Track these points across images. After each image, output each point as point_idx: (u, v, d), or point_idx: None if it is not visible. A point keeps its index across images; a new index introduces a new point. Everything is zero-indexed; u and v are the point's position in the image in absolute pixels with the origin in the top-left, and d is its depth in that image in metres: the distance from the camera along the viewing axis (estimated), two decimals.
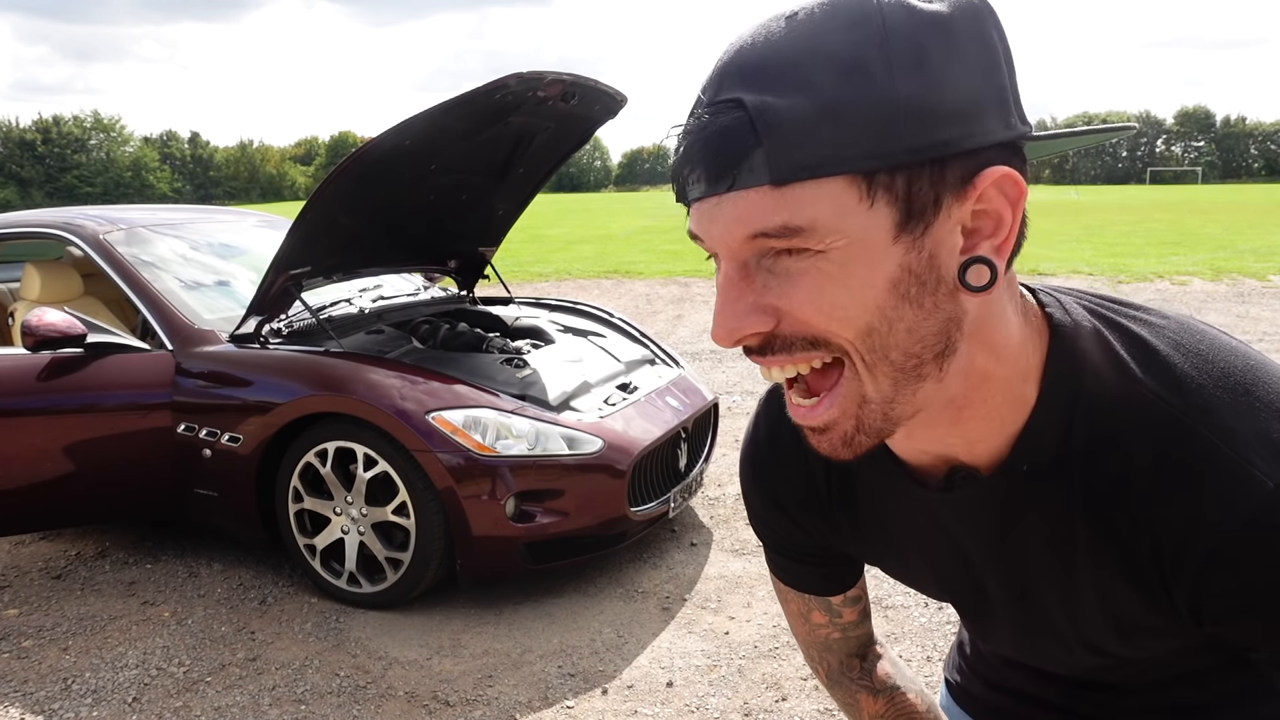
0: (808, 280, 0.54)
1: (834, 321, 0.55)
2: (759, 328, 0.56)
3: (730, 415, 5.14)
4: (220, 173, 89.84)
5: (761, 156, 0.51)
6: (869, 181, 0.52)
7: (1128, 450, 0.60)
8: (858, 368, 0.57)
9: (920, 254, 0.54)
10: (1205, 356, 0.61)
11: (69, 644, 2.80)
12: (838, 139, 0.51)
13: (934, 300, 0.55)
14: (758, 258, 0.55)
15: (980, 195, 0.54)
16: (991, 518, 0.68)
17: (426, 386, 2.86)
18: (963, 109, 0.52)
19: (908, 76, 0.51)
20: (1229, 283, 10.20)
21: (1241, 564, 0.56)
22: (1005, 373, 0.61)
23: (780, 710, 2.38)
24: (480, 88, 2.76)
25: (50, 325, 2.95)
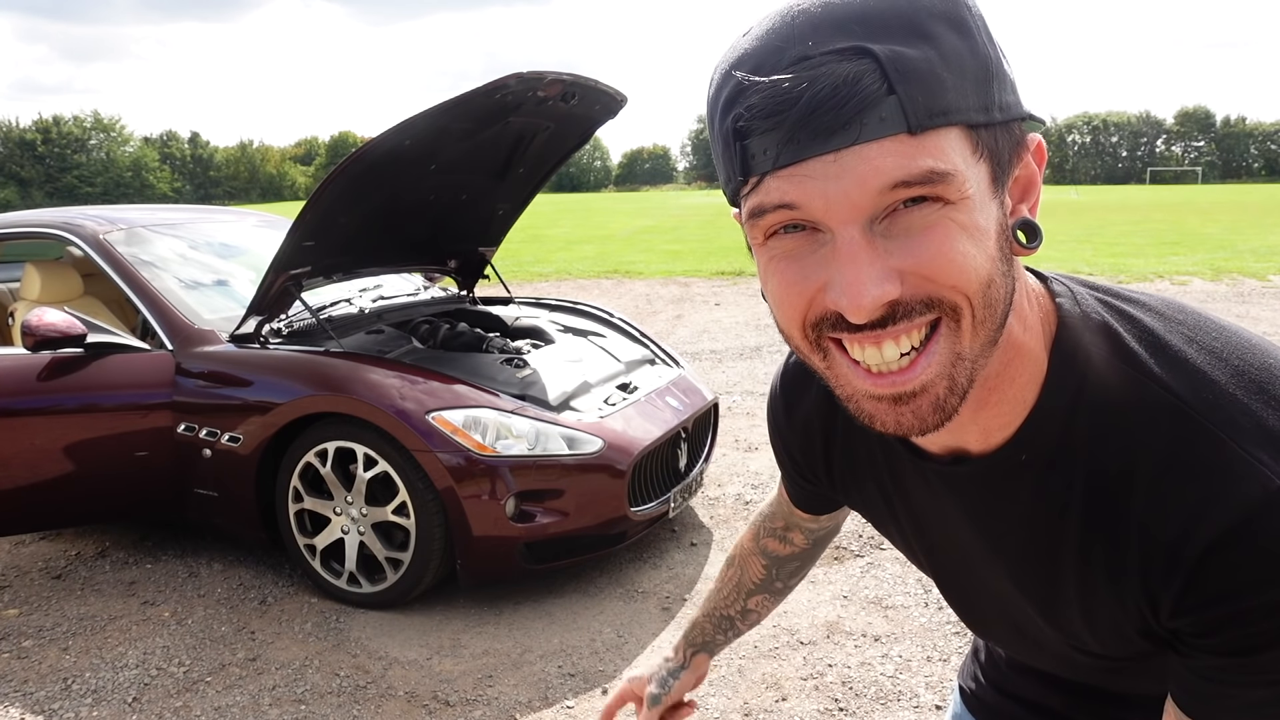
0: (939, 233, 0.52)
1: (965, 274, 0.53)
2: (893, 294, 0.53)
3: (730, 415, 5.14)
4: (220, 173, 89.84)
5: (895, 104, 0.49)
6: (976, 134, 0.53)
7: (1133, 444, 0.59)
8: (963, 324, 0.55)
9: (1004, 210, 0.56)
10: (1218, 352, 0.60)
11: (69, 644, 2.80)
12: (960, 89, 0.51)
13: (1012, 258, 0.57)
14: (872, 221, 0.52)
15: (1026, 163, 0.57)
16: (988, 498, 0.68)
17: (426, 386, 2.86)
18: (1013, 78, 0.56)
19: (988, 39, 0.54)
20: (1229, 283, 10.20)
21: (1231, 557, 0.56)
22: (1032, 343, 0.62)
23: (780, 710, 2.38)
24: (480, 88, 2.76)
25: (50, 325, 2.95)
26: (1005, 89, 0.54)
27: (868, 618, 2.85)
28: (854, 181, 0.50)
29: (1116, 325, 0.63)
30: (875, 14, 0.51)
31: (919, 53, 0.50)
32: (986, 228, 0.54)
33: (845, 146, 0.50)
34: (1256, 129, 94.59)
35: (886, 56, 0.49)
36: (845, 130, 0.50)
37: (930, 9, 0.52)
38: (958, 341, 0.55)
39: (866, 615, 2.87)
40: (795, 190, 0.52)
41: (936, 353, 0.55)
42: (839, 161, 0.50)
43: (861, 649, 2.67)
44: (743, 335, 7.65)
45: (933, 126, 0.50)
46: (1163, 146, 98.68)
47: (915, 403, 0.56)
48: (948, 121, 0.51)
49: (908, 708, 2.38)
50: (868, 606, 2.92)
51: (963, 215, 0.52)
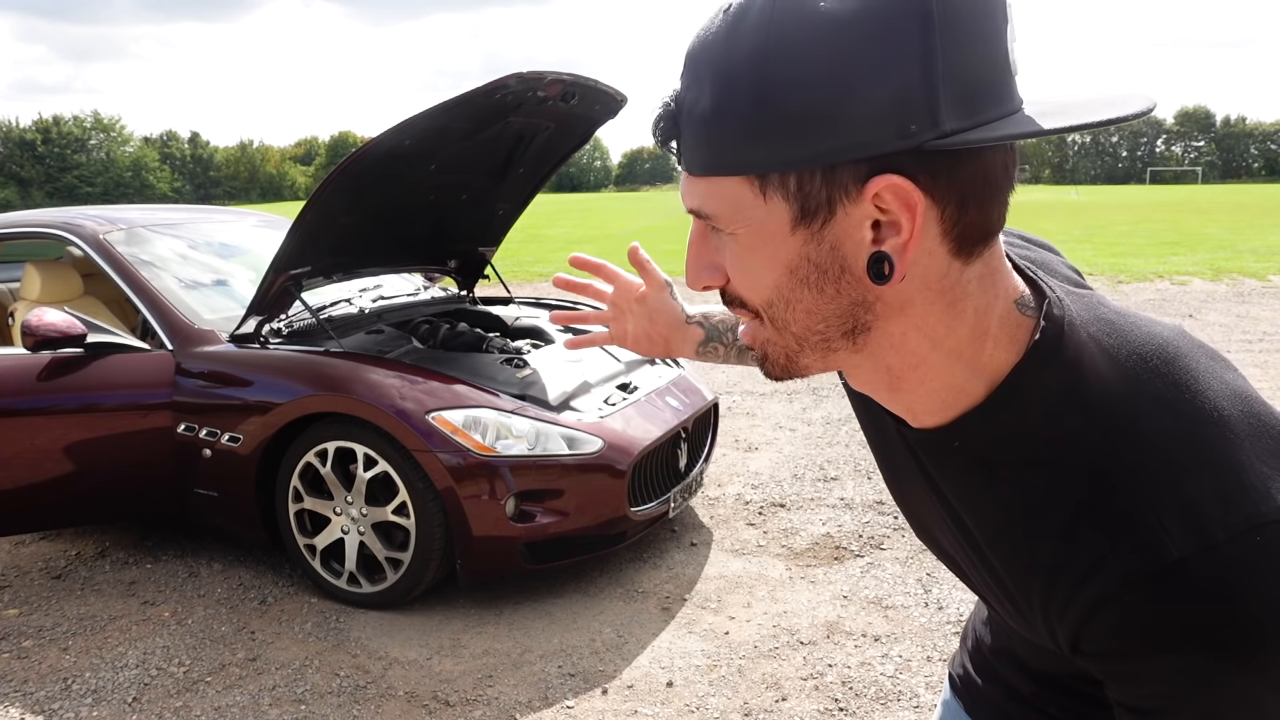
0: (728, 251, 0.62)
1: (746, 289, 0.62)
2: (712, 282, 0.64)
3: (730, 415, 5.14)
4: (220, 173, 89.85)
5: (681, 148, 0.59)
6: (761, 180, 0.56)
7: (1057, 482, 0.61)
8: (765, 325, 0.64)
9: (821, 245, 0.58)
10: (1179, 415, 0.60)
11: (69, 644, 2.80)
12: (723, 145, 0.56)
13: (836, 287, 0.60)
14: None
15: (877, 198, 0.55)
16: (926, 464, 0.71)
17: (426, 386, 2.86)
18: (845, 118, 0.52)
19: (788, 88, 0.53)
20: (1229, 283, 10.20)
21: (1117, 617, 0.57)
22: (942, 361, 0.63)
23: (780, 710, 2.38)
24: (480, 88, 2.76)
25: (50, 325, 2.95)
26: (811, 139, 0.53)
27: (868, 618, 2.85)
28: (682, 197, 0.62)
29: (1090, 364, 0.63)
30: (708, 60, 0.56)
31: (700, 105, 0.56)
32: (770, 259, 0.59)
33: (683, 168, 0.60)
34: (1256, 129, 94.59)
35: (681, 105, 0.58)
36: (681, 158, 0.60)
37: (722, 61, 0.55)
38: (765, 331, 0.64)
39: (866, 615, 2.87)
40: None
41: (754, 329, 0.65)
42: (682, 177, 0.61)
43: (861, 649, 2.67)
44: None
45: (703, 174, 0.58)
46: (1163, 146, 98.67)
47: (751, 351, 0.69)
48: (710, 172, 0.58)
49: (908, 708, 2.38)
50: (868, 606, 2.92)
51: (738, 246, 0.60)
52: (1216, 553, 0.55)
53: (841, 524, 3.57)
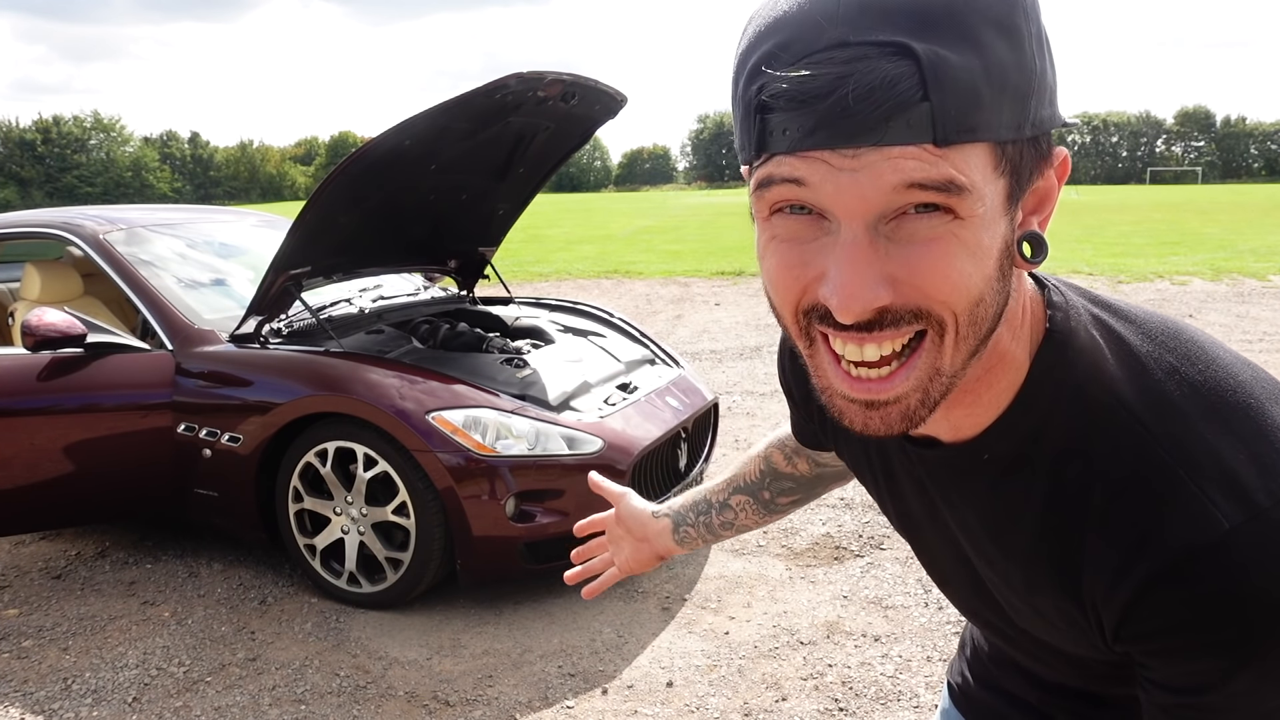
0: (941, 247, 0.51)
1: (957, 291, 0.52)
2: (885, 299, 0.51)
3: (730, 415, 5.14)
4: (220, 173, 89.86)
5: (926, 113, 0.47)
6: (1002, 149, 0.51)
7: (1093, 466, 0.60)
8: (945, 340, 0.54)
9: (1013, 226, 0.54)
10: (1198, 387, 0.60)
11: (69, 644, 2.80)
12: (996, 105, 0.49)
13: (1010, 273, 0.56)
14: (880, 221, 0.51)
15: (1047, 174, 0.56)
16: (949, 484, 0.69)
17: (426, 386, 2.86)
18: (1053, 89, 0.53)
19: (1038, 49, 0.51)
20: (1229, 283, 10.20)
21: (1173, 595, 0.56)
22: (1017, 350, 0.61)
23: (780, 710, 2.38)
24: (480, 88, 2.76)
25: (50, 325, 2.95)
26: (1044, 102, 0.52)
27: (868, 618, 2.85)
28: (869, 176, 0.49)
29: (1104, 345, 0.63)
30: (926, 7, 0.48)
31: (963, 60, 0.47)
32: (990, 246, 0.52)
33: (867, 145, 0.48)
34: (1256, 129, 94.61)
35: (929, 60, 0.47)
36: (873, 131, 0.48)
37: (985, 11, 0.49)
38: (939, 357, 0.55)
39: (866, 615, 2.87)
40: (811, 173, 0.50)
41: (917, 367, 0.55)
42: (858, 156, 0.49)
43: (861, 649, 2.67)
44: (743, 335, 7.65)
45: (960, 141, 0.49)
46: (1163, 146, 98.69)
47: (885, 410, 0.56)
48: (975, 138, 0.49)
49: (908, 708, 2.38)
50: (868, 606, 2.92)
51: (968, 232, 0.51)
52: (1265, 519, 0.54)
53: (841, 524, 3.57)
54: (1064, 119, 0.55)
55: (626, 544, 1.15)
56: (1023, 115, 0.50)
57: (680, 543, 1.12)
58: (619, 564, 1.15)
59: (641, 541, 1.14)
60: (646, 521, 1.13)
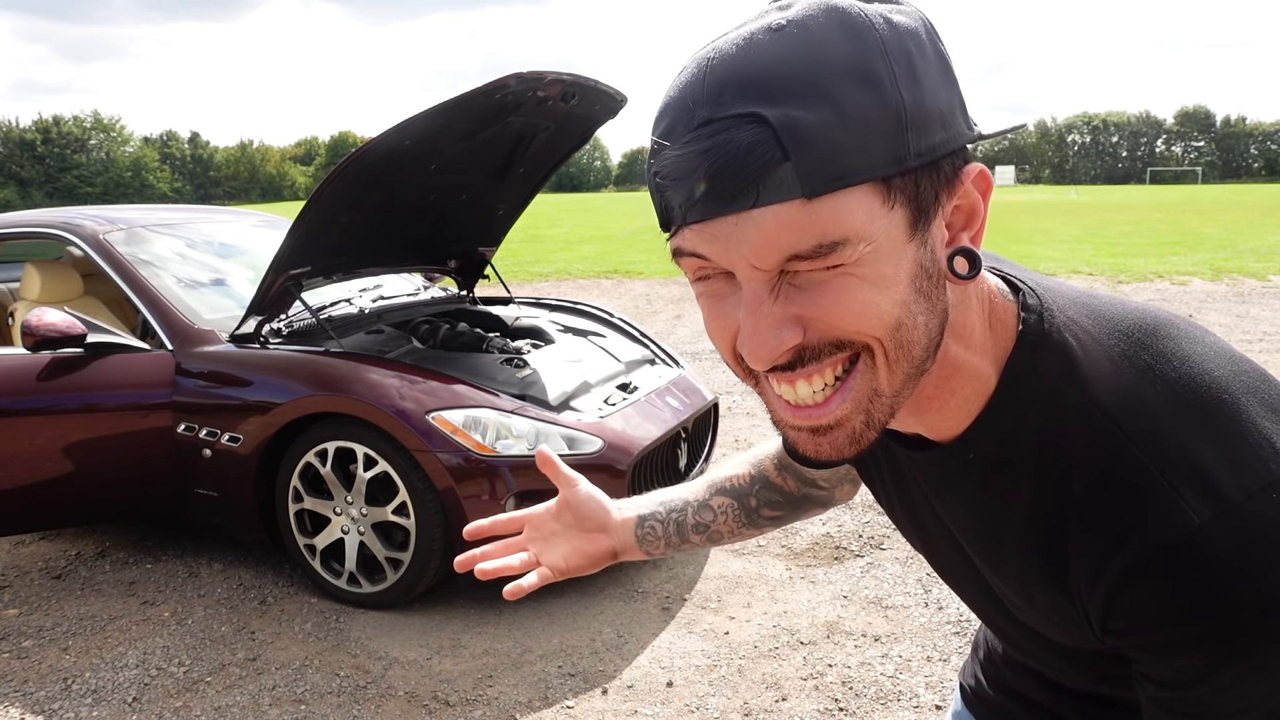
0: (837, 285, 0.54)
1: (865, 321, 0.55)
2: (793, 341, 0.55)
3: (730, 415, 5.14)
4: (220, 173, 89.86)
5: (790, 171, 0.50)
6: (888, 186, 0.53)
7: (1073, 465, 0.61)
8: (878, 364, 0.57)
9: (926, 249, 0.56)
10: (1172, 384, 0.61)
11: (69, 644, 2.80)
12: (861, 148, 0.51)
13: (936, 293, 0.58)
14: (782, 272, 0.55)
15: (964, 191, 0.57)
16: (943, 483, 0.71)
17: (426, 386, 2.86)
18: (943, 113, 0.55)
19: (906, 84, 0.53)
20: (1229, 283, 10.20)
21: (1147, 591, 0.57)
22: (974, 361, 0.63)
23: (780, 710, 2.38)
24: (480, 88, 2.76)
25: (50, 325, 2.95)
26: (926, 131, 0.54)
27: (868, 618, 2.85)
28: (750, 248, 0.53)
29: (1076, 346, 0.64)
30: (778, 76, 0.51)
31: (817, 117, 0.50)
32: (894, 274, 0.55)
33: (744, 210, 0.52)
34: (1256, 129, 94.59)
35: (780, 123, 0.50)
36: (743, 196, 0.51)
37: (835, 66, 0.51)
38: (874, 378, 0.58)
39: (866, 615, 2.87)
40: (705, 246, 0.55)
41: (853, 389, 0.58)
42: (739, 224, 0.52)
43: (861, 649, 2.67)
44: None
45: (830, 190, 0.51)
46: (1163, 146, 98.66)
47: (831, 435, 0.59)
48: (846, 184, 0.51)
49: (908, 708, 2.38)
50: (868, 606, 2.92)
51: (864, 269, 0.54)
52: (1236, 514, 0.55)
53: (841, 524, 3.57)
54: (970, 134, 0.57)
55: (568, 540, 1.04)
56: (900, 150, 0.52)
57: (641, 540, 1.03)
58: (550, 563, 1.02)
59: (595, 533, 1.04)
60: (604, 511, 1.04)
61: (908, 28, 0.55)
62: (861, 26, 0.53)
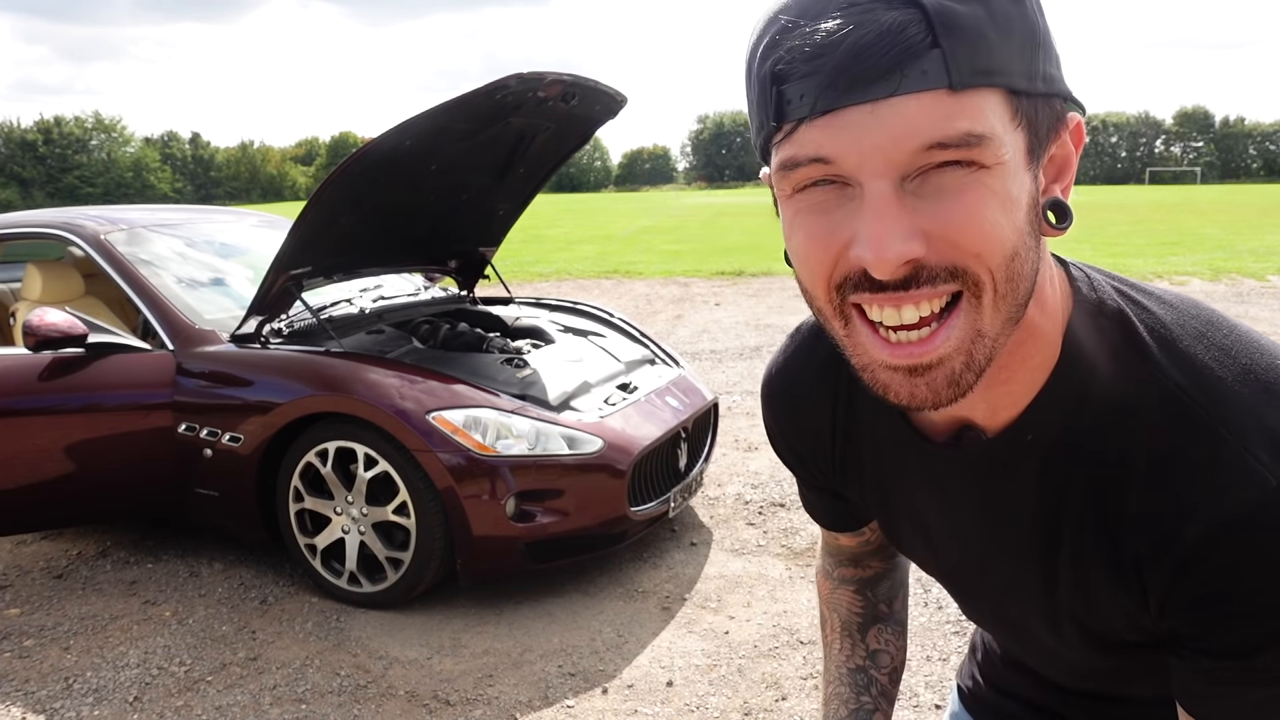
0: (972, 198, 0.51)
1: (990, 242, 0.52)
2: (917, 252, 0.51)
3: (730, 415, 5.15)
4: (221, 173, 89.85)
5: (938, 58, 0.48)
6: (1016, 101, 0.51)
7: (1135, 434, 0.59)
8: (984, 300, 0.54)
9: (1037, 184, 0.54)
10: (1228, 350, 0.60)
11: (70, 643, 2.80)
12: (1005, 51, 0.50)
13: (1039, 234, 0.56)
14: (906, 178, 0.51)
15: (1063, 140, 0.56)
16: (989, 480, 0.68)
17: (427, 386, 2.86)
18: (1058, 54, 0.55)
19: (1039, 10, 0.53)
20: (1228, 283, 10.21)
21: (1226, 554, 0.55)
22: (1048, 327, 0.61)
23: (780, 710, 2.39)
24: (480, 88, 2.77)
25: (52, 325, 2.96)
26: (1050, 61, 0.53)
27: None
28: (889, 136, 0.49)
29: (1131, 314, 0.63)
30: None
31: (967, 8, 0.49)
32: (1018, 197, 0.52)
33: (884, 97, 0.48)
34: (1255, 129, 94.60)
35: (934, 8, 0.48)
36: (885, 80, 0.48)
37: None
38: (978, 317, 0.54)
39: None
40: (830, 143, 0.51)
41: (956, 326, 0.54)
42: (876, 113, 0.49)
43: None
44: (743, 335, 7.65)
45: (974, 85, 0.49)
46: (1161, 147, 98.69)
47: (930, 375, 0.55)
48: (990, 82, 0.49)
49: (907, 707, 2.39)
50: None
51: (995, 181, 0.51)
52: None
53: None
54: (1069, 91, 0.56)
55: None
56: (1032, 66, 0.51)
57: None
58: None
59: None
60: None
61: None
62: None
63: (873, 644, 0.98)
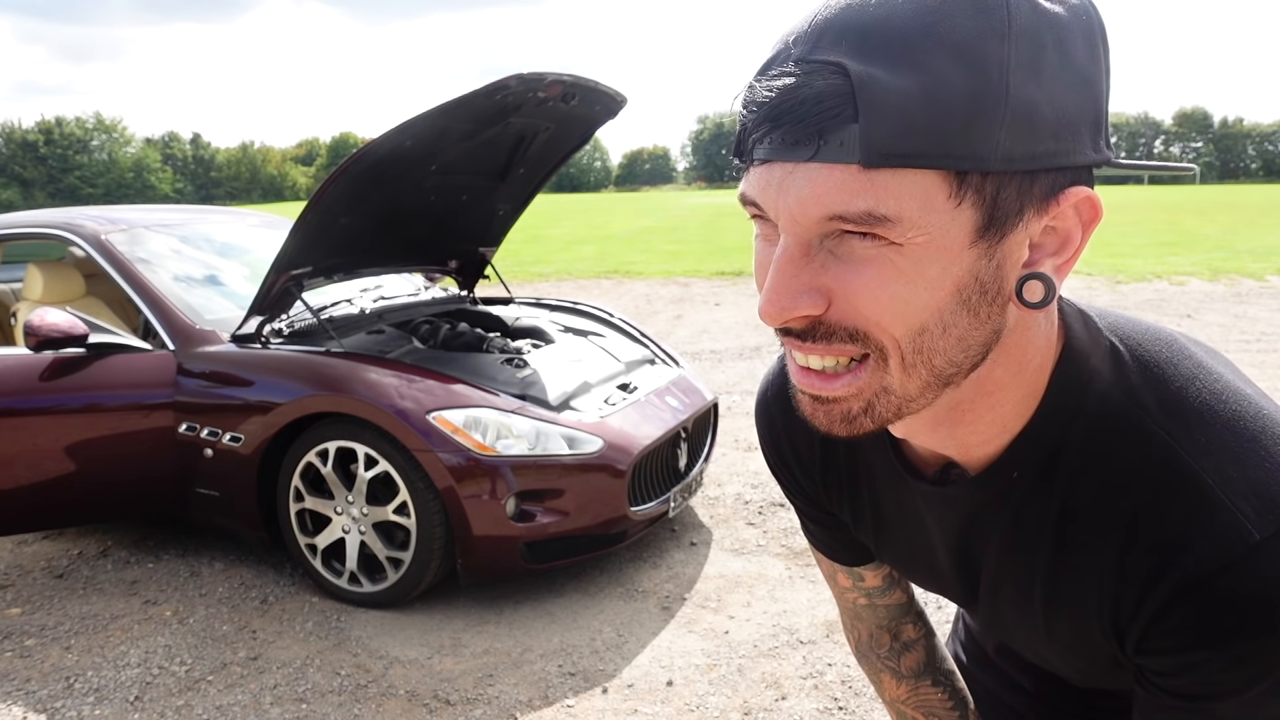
0: (874, 270, 0.51)
1: (889, 315, 0.52)
2: (811, 310, 0.52)
3: (730, 415, 5.15)
4: (222, 173, 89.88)
5: (855, 133, 0.48)
6: (960, 180, 0.49)
7: (1120, 477, 0.59)
8: (890, 364, 0.54)
9: (990, 262, 0.52)
10: (1219, 397, 0.59)
11: (71, 643, 2.81)
12: (939, 130, 0.47)
13: (988, 311, 0.54)
14: (822, 236, 0.52)
15: (1058, 214, 0.53)
16: (973, 515, 0.68)
17: (427, 386, 2.87)
18: (1062, 124, 0.50)
19: (1021, 79, 0.48)
20: (1227, 283, 10.21)
21: (1201, 605, 0.55)
22: (1020, 385, 0.60)
23: (780, 709, 2.39)
24: (481, 89, 2.78)
25: (53, 325, 2.96)
26: (1031, 136, 0.49)
27: None
28: (797, 200, 0.50)
29: (1123, 353, 0.62)
30: (878, 31, 0.48)
31: (900, 83, 0.47)
32: (937, 277, 0.51)
33: (802, 160, 0.50)
34: (1254, 130, 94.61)
35: (860, 81, 0.47)
36: (805, 145, 0.49)
37: (944, 37, 0.47)
38: (884, 376, 0.55)
39: None
40: (759, 192, 0.53)
41: (860, 377, 0.55)
42: (794, 174, 0.50)
43: None
44: (742, 335, 7.66)
45: (889, 166, 0.48)
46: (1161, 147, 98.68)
47: (828, 407, 0.58)
48: (909, 164, 0.48)
49: None
50: None
51: (904, 259, 0.50)
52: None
53: None
54: (1093, 156, 0.52)
55: None
56: (982, 146, 0.48)
57: None
58: None
59: None
60: None
61: (1056, 18, 0.50)
62: (993, 2, 0.48)
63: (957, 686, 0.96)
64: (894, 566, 0.83)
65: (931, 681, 0.95)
